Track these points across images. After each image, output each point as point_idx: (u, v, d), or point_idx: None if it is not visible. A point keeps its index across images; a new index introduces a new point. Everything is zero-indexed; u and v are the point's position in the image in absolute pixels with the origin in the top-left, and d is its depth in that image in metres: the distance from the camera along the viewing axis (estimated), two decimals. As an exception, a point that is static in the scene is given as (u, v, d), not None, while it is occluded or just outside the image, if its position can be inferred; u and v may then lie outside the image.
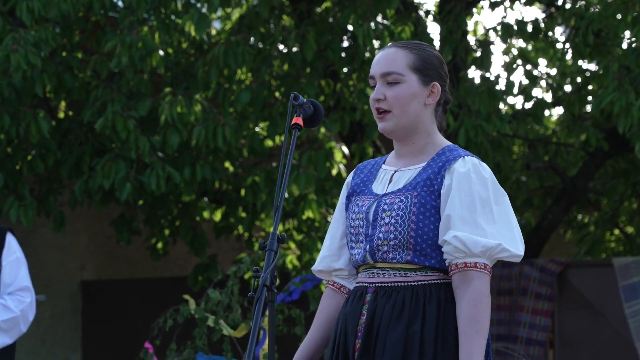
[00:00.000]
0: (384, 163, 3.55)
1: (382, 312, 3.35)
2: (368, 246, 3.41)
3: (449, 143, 3.48)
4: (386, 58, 3.44)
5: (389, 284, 3.37)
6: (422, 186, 3.37)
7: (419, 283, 3.35)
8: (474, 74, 9.18)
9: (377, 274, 3.40)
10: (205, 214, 9.66)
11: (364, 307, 3.39)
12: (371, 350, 3.34)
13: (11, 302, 5.47)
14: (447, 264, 3.33)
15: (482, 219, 3.30)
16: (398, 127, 3.43)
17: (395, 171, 3.47)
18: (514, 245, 3.32)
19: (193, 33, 8.81)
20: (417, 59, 3.43)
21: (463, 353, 3.24)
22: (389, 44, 3.87)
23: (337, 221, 3.58)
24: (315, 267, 3.61)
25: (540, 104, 9.25)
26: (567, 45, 9.30)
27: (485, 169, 3.38)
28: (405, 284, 3.35)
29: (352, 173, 3.62)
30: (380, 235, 3.38)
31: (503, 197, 3.37)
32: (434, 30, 14.20)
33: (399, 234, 3.35)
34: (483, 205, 3.32)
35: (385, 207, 3.39)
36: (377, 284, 3.39)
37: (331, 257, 3.56)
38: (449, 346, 3.30)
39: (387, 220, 3.37)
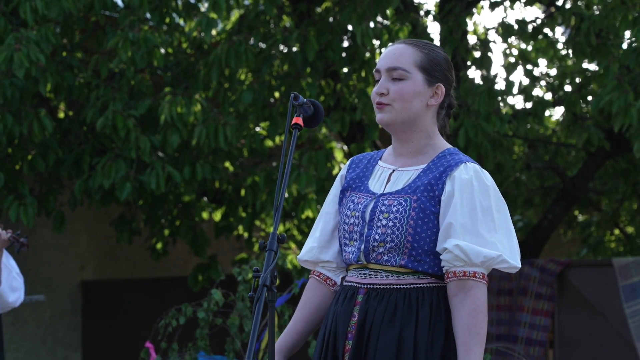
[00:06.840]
0: (380, 159, 3.51)
1: (373, 314, 3.33)
2: (363, 246, 3.38)
3: (449, 146, 3.46)
4: (394, 53, 3.42)
5: (382, 286, 3.35)
6: (422, 191, 3.34)
7: (412, 286, 3.33)
8: (474, 74, 9.19)
9: (369, 275, 3.38)
10: (205, 214, 9.65)
11: (355, 308, 3.37)
12: (362, 353, 3.32)
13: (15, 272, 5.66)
14: (444, 271, 3.32)
15: (484, 228, 3.29)
16: (396, 121, 3.40)
17: (393, 170, 3.45)
18: (513, 257, 3.32)
19: (194, 34, 8.81)
20: (425, 58, 3.41)
21: None
22: (399, 39, 3.85)
23: (328, 214, 3.53)
24: (301, 257, 3.58)
25: (541, 104, 9.25)
26: (568, 45, 9.30)
27: (487, 177, 3.36)
28: (398, 286, 3.33)
29: (346, 166, 3.58)
30: (377, 236, 3.35)
31: (503, 204, 3.36)
32: (434, 30, 14.21)
33: (396, 237, 3.33)
34: (485, 214, 3.30)
35: (383, 208, 3.36)
36: (368, 285, 3.37)
37: (320, 248, 3.53)
38: (438, 350, 3.28)
39: (384, 222, 3.35)
